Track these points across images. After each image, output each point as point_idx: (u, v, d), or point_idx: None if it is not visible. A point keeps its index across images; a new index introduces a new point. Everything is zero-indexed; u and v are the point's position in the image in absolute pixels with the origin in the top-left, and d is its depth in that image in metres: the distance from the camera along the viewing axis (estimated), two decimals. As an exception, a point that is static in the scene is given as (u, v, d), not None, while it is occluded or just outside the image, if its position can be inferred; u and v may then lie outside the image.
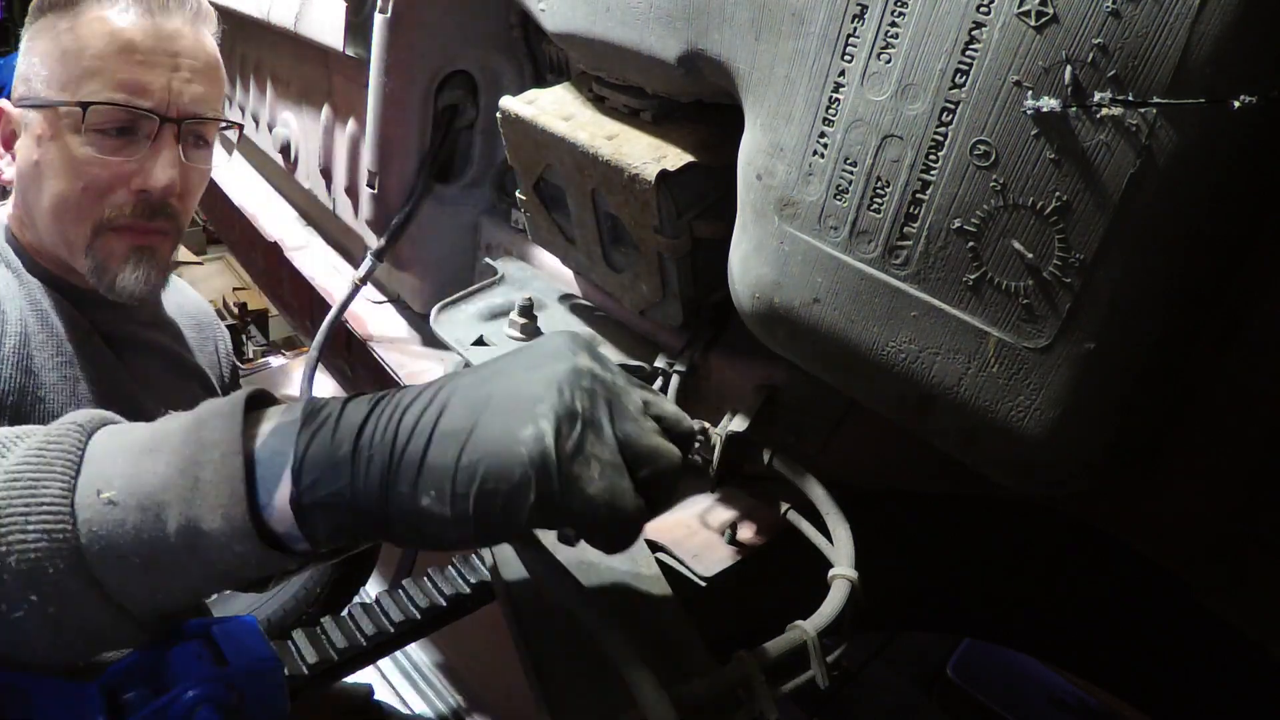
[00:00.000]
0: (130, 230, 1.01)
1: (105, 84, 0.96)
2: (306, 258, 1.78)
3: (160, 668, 0.64)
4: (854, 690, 2.08)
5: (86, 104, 0.95)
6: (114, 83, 0.96)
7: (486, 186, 1.39)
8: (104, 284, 1.02)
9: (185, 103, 1.00)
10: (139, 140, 0.99)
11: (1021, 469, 0.67)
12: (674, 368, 0.99)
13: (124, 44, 0.96)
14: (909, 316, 0.67)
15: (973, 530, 1.13)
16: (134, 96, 0.97)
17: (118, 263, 1.01)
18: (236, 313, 4.99)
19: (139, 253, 1.02)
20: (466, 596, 0.89)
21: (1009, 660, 2.08)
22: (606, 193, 0.92)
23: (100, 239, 1.00)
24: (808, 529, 0.85)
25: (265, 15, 1.61)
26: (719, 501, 0.96)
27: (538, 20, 0.97)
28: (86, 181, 0.97)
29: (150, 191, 1.00)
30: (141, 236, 1.02)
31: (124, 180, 0.99)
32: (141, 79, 0.97)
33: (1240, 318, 0.62)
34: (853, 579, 0.74)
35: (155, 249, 1.04)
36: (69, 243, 1.01)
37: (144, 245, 1.02)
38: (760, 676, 0.64)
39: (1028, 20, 0.56)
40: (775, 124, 0.73)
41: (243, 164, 2.21)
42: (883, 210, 0.67)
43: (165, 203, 1.02)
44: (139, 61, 0.97)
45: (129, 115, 0.97)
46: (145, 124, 0.98)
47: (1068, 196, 0.57)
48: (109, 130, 0.97)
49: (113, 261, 1.01)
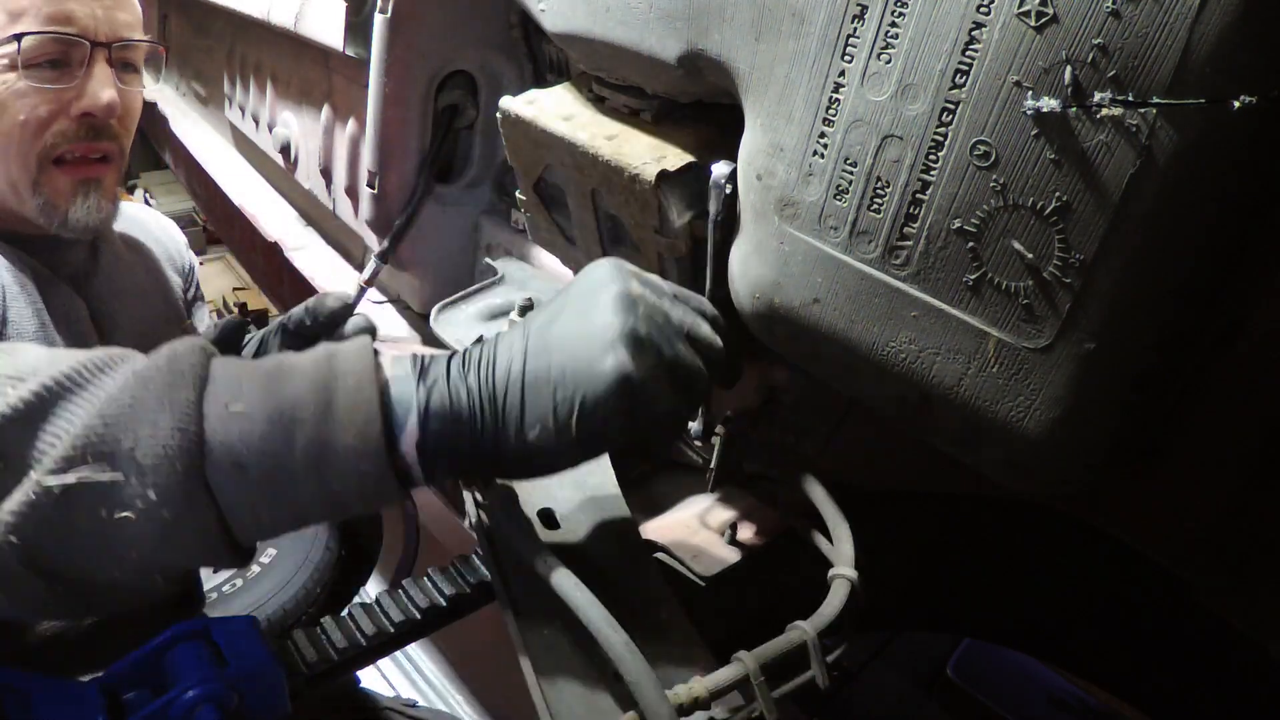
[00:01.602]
0: (74, 164, 1.03)
1: (33, 20, 0.97)
2: (306, 258, 1.78)
3: (160, 668, 0.64)
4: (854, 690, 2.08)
5: (20, 35, 0.96)
6: (42, 17, 0.97)
7: (486, 186, 1.39)
8: (55, 220, 1.04)
9: (112, 28, 1.02)
10: (73, 68, 1.00)
11: (1021, 469, 0.67)
12: (674, 368, 0.99)
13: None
14: (909, 316, 0.67)
15: (973, 530, 1.13)
16: (63, 26, 0.98)
17: (65, 199, 1.03)
18: (236, 313, 4.99)
19: (85, 185, 1.04)
20: (466, 596, 0.89)
21: (1009, 660, 2.08)
22: (606, 193, 0.92)
23: (45, 175, 1.02)
24: (808, 529, 0.85)
25: (265, 15, 1.61)
26: (719, 501, 0.96)
27: (538, 20, 0.97)
28: (26, 114, 0.99)
29: (93, 113, 1.02)
30: (86, 168, 1.04)
31: (64, 107, 1.00)
32: (67, 9, 0.98)
33: (1240, 318, 0.62)
34: (853, 579, 0.74)
35: (100, 179, 1.06)
36: (13, 183, 1.02)
37: (89, 178, 1.05)
38: (760, 676, 0.64)
39: (1028, 20, 0.56)
40: (775, 124, 0.73)
41: (243, 164, 2.21)
42: (883, 210, 0.67)
43: (107, 124, 1.04)
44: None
45: (61, 45, 0.99)
46: (77, 51, 1.00)
47: (1068, 196, 0.57)
48: (42, 63, 0.98)
49: (60, 198, 1.03)
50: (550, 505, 0.84)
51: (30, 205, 1.02)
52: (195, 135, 2.43)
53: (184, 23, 2.45)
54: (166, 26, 2.57)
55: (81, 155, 1.03)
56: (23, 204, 1.03)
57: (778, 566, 0.90)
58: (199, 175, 2.35)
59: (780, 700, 0.66)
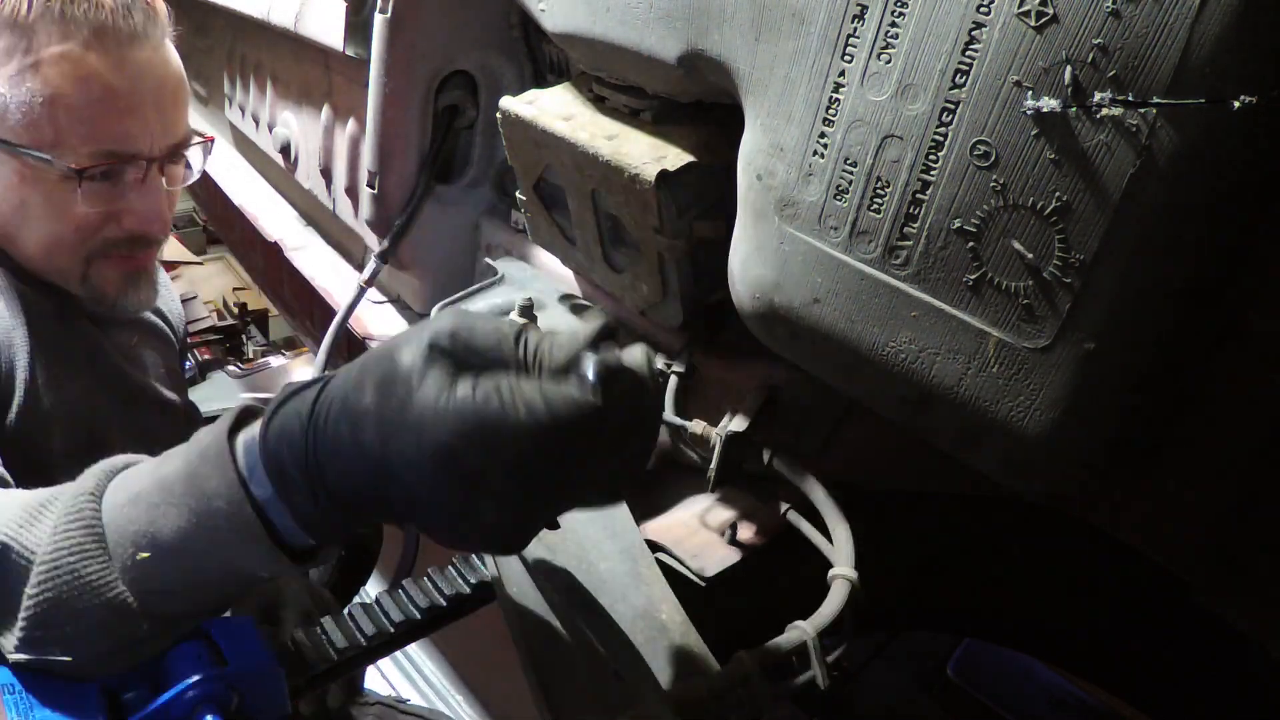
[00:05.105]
0: (123, 258, 1.03)
1: (88, 139, 0.93)
2: (306, 258, 1.78)
3: (160, 668, 0.64)
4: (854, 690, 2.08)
5: (82, 171, 0.93)
6: (99, 136, 0.93)
7: (486, 186, 1.39)
8: (103, 306, 1.05)
9: (167, 136, 1.00)
10: (127, 181, 0.98)
11: (1021, 469, 0.67)
12: (673, 368, 0.99)
13: (102, 92, 0.92)
14: (909, 317, 0.67)
15: (973, 530, 1.13)
16: (122, 146, 0.95)
17: (114, 289, 1.03)
18: (236, 313, 4.98)
19: (134, 277, 1.05)
20: (466, 596, 0.89)
21: (1009, 660, 2.08)
22: (606, 193, 0.92)
23: (94, 267, 1.02)
24: (808, 529, 0.85)
25: (265, 15, 1.61)
26: (719, 501, 0.96)
27: (538, 20, 0.97)
28: (78, 224, 0.98)
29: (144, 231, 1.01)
30: (133, 262, 1.04)
31: (114, 218, 0.99)
32: (127, 128, 0.95)
33: (1240, 318, 0.62)
34: (853, 579, 0.74)
35: (147, 269, 1.07)
36: (61, 272, 1.02)
37: (137, 269, 1.05)
38: (760, 676, 0.64)
39: (1028, 20, 0.56)
40: (775, 124, 0.73)
41: (243, 164, 2.21)
42: (883, 210, 0.67)
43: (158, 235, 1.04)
44: (121, 109, 0.94)
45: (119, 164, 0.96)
46: (134, 169, 0.98)
47: (1068, 196, 0.57)
48: (96, 176, 0.95)
49: (109, 288, 1.03)
50: (550, 505, 0.84)
51: (78, 291, 1.03)
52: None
53: (184, 22, 2.45)
54: (166, 26, 2.56)
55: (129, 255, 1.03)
56: (70, 287, 1.03)
57: (778, 566, 0.90)
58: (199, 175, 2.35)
59: (780, 700, 0.66)
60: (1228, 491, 0.69)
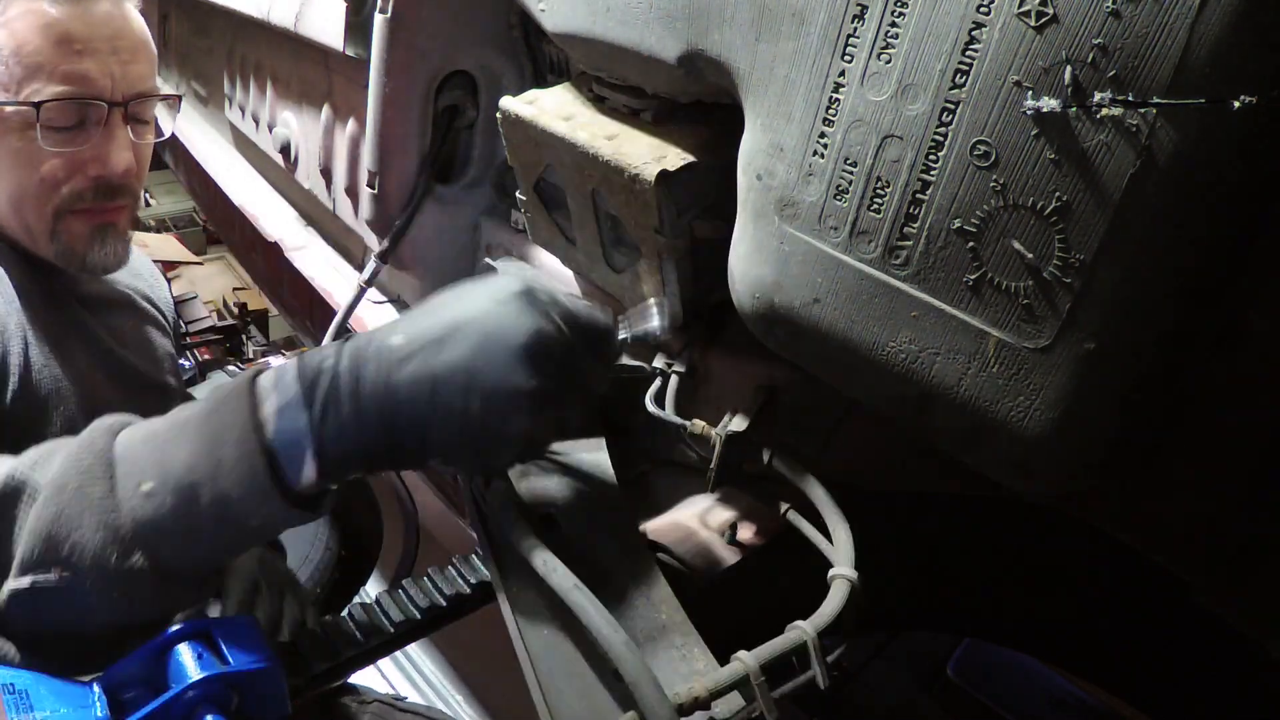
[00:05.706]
0: (90, 211, 1.04)
1: (49, 78, 0.96)
2: (306, 258, 1.78)
3: (160, 668, 0.64)
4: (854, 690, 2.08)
5: (39, 104, 0.96)
6: (58, 75, 0.97)
7: (486, 186, 1.39)
8: (73, 265, 1.06)
9: (128, 84, 1.02)
10: (89, 128, 1.00)
11: (1021, 469, 0.67)
12: (673, 368, 0.99)
13: (60, 35, 0.96)
14: (909, 316, 0.67)
15: (973, 530, 1.13)
16: (80, 87, 0.98)
17: (83, 244, 1.05)
18: (236, 313, 4.98)
19: (102, 230, 1.05)
20: (466, 596, 0.89)
21: (1009, 660, 2.08)
22: (607, 193, 0.92)
23: (62, 223, 1.03)
24: (808, 529, 0.85)
25: (265, 15, 1.61)
26: (719, 501, 0.96)
27: (538, 20, 0.97)
28: (43, 174, 0.99)
29: (109, 177, 1.02)
30: (101, 215, 1.05)
31: (80, 167, 1.01)
32: (84, 69, 0.98)
33: (1240, 318, 0.62)
34: (853, 579, 0.74)
35: (116, 224, 1.07)
36: (30, 229, 1.03)
37: (105, 223, 1.06)
38: (760, 676, 0.64)
39: (1028, 20, 0.56)
40: (775, 124, 0.73)
41: (243, 164, 2.21)
42: (883, 210, 0.67)
43: (123, 183, 1.04)
44: (78, 51, 0.97)
45: (79, 107, 0.98)
46: (94, 111, 1.00)
47: (1068, 196, 0.57)
48: (59, 124, 0.98)
49: (78, 244, 1.04)
50: (551, 506, 0.84)
51: (48, 250, 1.04)
52: (195, 135, 2.43)
53: (184, 23, 2.45)
54: (166, 26, 2.56)
55: (97, 208, 1.04)
56: (40, 248, 1.04)
57: (778, 566, 0.90)
58: (199, 175, 2.35)
59: (780, 700, 0.66)
60: (1228, 491, 0.69)
